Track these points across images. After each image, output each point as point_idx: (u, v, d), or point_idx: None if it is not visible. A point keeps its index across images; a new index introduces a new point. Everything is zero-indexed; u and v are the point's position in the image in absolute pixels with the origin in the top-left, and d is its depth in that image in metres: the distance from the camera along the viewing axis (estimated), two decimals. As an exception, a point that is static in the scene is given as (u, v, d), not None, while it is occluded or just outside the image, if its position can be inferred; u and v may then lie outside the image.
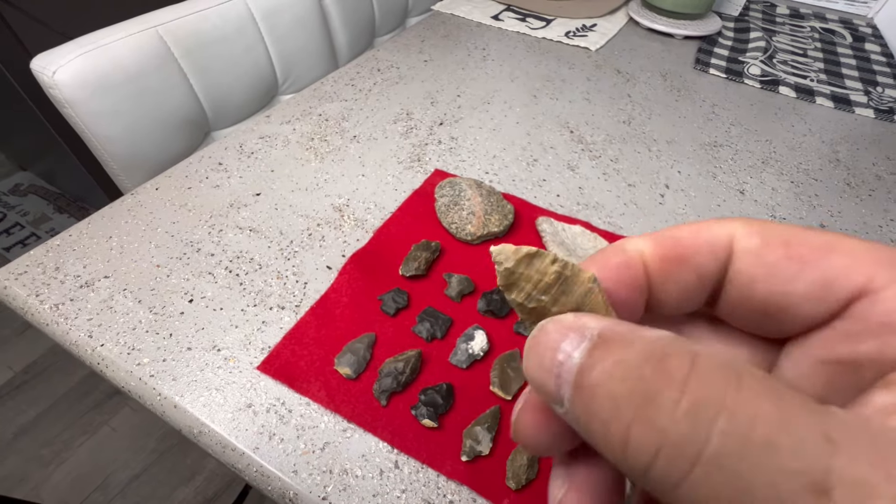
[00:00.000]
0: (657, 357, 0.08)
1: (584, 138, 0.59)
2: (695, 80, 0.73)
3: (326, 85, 0.65)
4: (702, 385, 0.07)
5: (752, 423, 0.07)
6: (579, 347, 0.08)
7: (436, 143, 0.56)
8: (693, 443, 0.07)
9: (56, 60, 0.50)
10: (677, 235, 0.10)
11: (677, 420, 0.07)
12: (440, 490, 0.29)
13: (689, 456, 0.07)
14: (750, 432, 0.07)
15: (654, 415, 0.07)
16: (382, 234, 0.44)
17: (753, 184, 0.54)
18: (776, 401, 0.07)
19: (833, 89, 0.72)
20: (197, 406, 0.32)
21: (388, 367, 0.33)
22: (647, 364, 0.08)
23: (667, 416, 0.07)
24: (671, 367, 0.07)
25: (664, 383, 0.07)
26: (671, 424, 0.07)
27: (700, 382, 0.07)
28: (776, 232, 0.09)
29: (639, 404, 0.07)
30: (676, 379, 0.07)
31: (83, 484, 0.97)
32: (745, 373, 0.07)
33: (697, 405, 0.07)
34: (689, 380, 0.07)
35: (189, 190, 0.48)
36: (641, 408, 0.07)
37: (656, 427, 0.07)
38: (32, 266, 0.39)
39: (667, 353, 0.08)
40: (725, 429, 0.07)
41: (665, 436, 0.07)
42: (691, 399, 0.07)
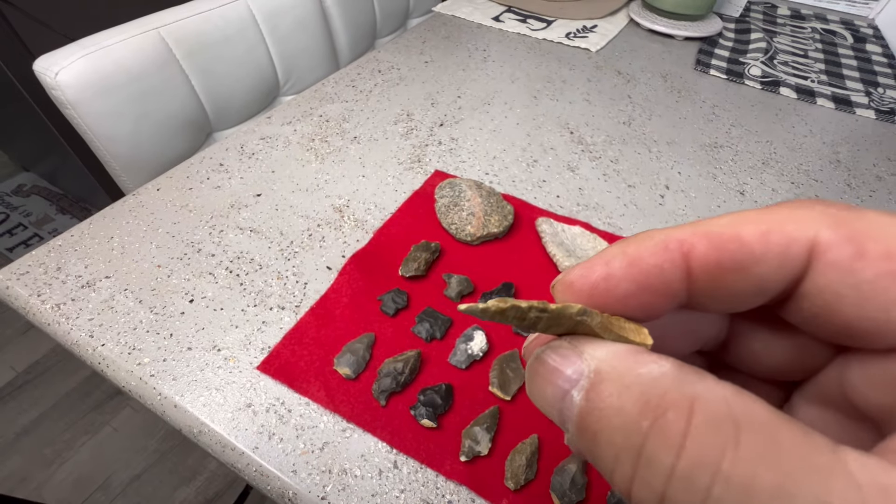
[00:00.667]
0: (653, 409, 0.07)
1: (585, 139, 0.59)
2: (695, 81, 0.73)
3: (327, 86, 0.65)
4: (698, 446, 0.07)
5: (747, 491, 0.06)
6: (577, 385, 0.08)
7: (436, 143, 0.57)
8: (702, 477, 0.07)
9: (59, 62, 0.50)
10: (741, 234, 0.08)
11: (674, 485, 0.07)
12: (439, 490, 0.29)
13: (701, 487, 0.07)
14: (746, 500, 0.06)
15: (651, 477, 0.07)
16: (382, 235, 0.44)
17: (754, 185, 0.54)
18: (775, 461, 0.07)
19: (834, 90, 0.72)
20: (197, 406, 0.32)
21: (388, 367, 0.33)
22: (643, 418, 0.07)
23: (663, 480, 0.07)
24: (668, 423, 0.07)
25: (660, 445, 0.07)
26: (668, 488, 0.07)
27: (696, 443, 0.07)
28: (873, 236, 0.07)
29: (638, 463, 0.07)
30: (673, 440, 0.07)
31: (85, 484, 0.97)
32: (744, 425, 0.07)
33: (693, 469, 0.07)
34: (685, 440, 0.07)
35: (190, 191, 0.48)
36: (641, 467, 0.07)
37: (654, 489, 0.07)
38: (34, 266, 0.39)
39: (664, 405, 0.07)
40: (722, 496, 0.07)
41: (663, 498, 0.07)
42: (687, 463, 0.07)
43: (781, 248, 0.08)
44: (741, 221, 0.08)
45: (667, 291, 0.09)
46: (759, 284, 0.08)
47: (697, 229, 0.08)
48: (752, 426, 0.07)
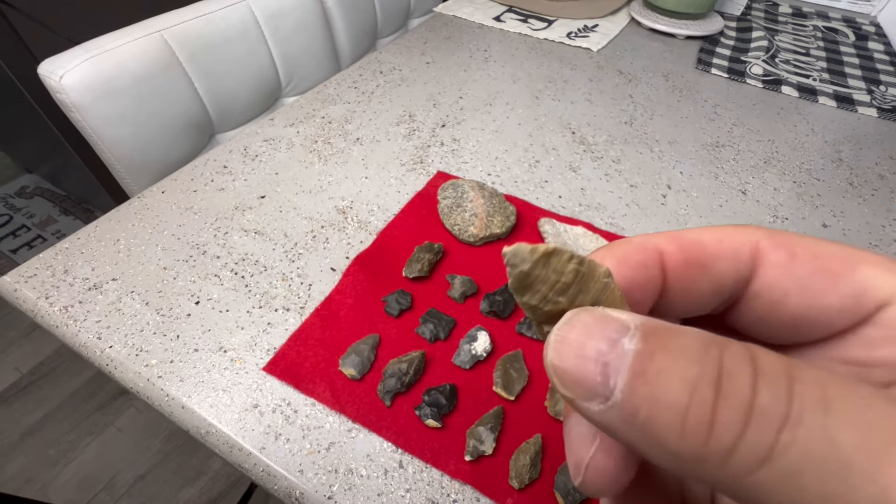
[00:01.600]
0: (717, 343, 0.07)
1: (586, 139, 0.59)
2: (697, 81, 0.73)
3: (329, 87, 0.66)
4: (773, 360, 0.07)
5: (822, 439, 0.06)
6: (627, 335, 0.08)
7: (438, 144, 0.57)
8: (781, 408, 0.07)
9: (63, 65, 0.50)
10: (700, 240, 0.10)
11: (760, 384, 0.07)
12: (444, 489, 0.29)
13: (778, 421, 0.07)
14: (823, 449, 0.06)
15: (736, 388, 0.07)
16: (386, 236, 0.44)
17: (755, 184, 0.54)
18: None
19: (836, 89, 0.72)
20: (204, 407, 0.32)
21: (392, 367, 0.33)
22: (713, 346, 0.07)
23: (748, 380, 0.07)
24: (735, 350, 0.07)
25: (738, 362, 0.07)
26: (757, 389, 0.07)
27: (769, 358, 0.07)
28: (802, 244, 0.09)
29: (718, 383, 0.07)
30: (747, 358, 0.07)
31: (90, 484, 0.98)
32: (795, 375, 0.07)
33: (773, 374, 0.07)
34: (757, 358, 0.07)
35: (195, 193, 0.48)
36: (723, 384, 0.07)
37: (741, 399, 0.07)
38: (42, 269, 0.40)
39: (722, 341, 0.07)
40: (804, 389, 0.07)
41: (752, 408, 0.07)
42: (766, 378, 0.07)
43: (733, 249, 0.09)
44: (701, 232, 0.10)
45: (649, 286, 0.10)
46: (718, 282, 0.09)
47: (667, 236, 0.10)
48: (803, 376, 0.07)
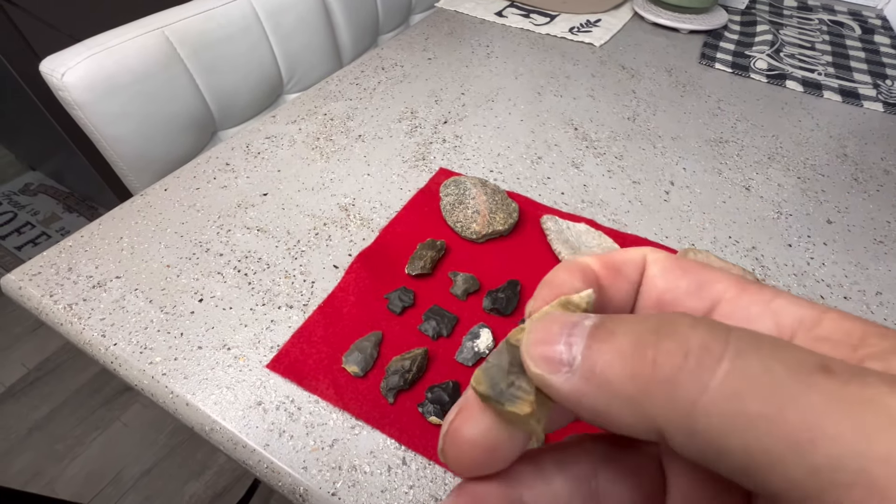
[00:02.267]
0: (661, 317, 0.09)
1: (589, 135, 0.59)
2: (700, 75, 0.72)
3: (331, 84, 0.65)
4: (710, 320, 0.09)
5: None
6: (587, 319, 0.10)
7: (440, 141, 0.57)
8: (720, 345, 0.08)
9: (65, 63, 0.50)
10: (612, 255, 0.13)
11: (697, 329, 0.08)
12: (447, 486, 0.29)
13: (717, 353, 0.08)
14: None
15: (676, 331, 0.08)
16: (388, 234, 0.44)
17: (759, 180, 0.54)
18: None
19: (841, 83, 0.71)
20: (208, 404, 0.32)
21: (395, 365, 0.34)
22: (657, 313, 0.10)
23: (688, 328, 0.08)
24: (675, 312, 0.09)
25: (678, 317, 0.09)
26: (693, 333, 0.08)
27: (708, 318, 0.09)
28: (671, 256, 0.12)
29: (659, 330, 0.09)
30: (686, 315, 0.09)
31: (97, 478, 0.99)
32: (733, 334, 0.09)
33: (711, 324, 0.08)
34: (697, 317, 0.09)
35: (197, 190, 0.48)
36: (663, 330, 0.08)
37: (681, 335, 0.08)
38: (46, 267, 0.40)
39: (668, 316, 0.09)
40: (740, 334, 0.08)
41: (690, 343, 0.08)
42: (704, 324, 0.08)
43: (633, 258, 0.12)
44: (612, 253, 0.13)
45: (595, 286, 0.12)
46: (630, 279, 0.12)
47: (590, 258, 0.13)
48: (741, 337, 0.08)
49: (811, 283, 0.43)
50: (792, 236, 0.48)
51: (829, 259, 0.45)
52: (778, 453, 0.07)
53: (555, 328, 0.10)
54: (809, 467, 0.07)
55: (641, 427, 0.08)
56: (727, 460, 0.07)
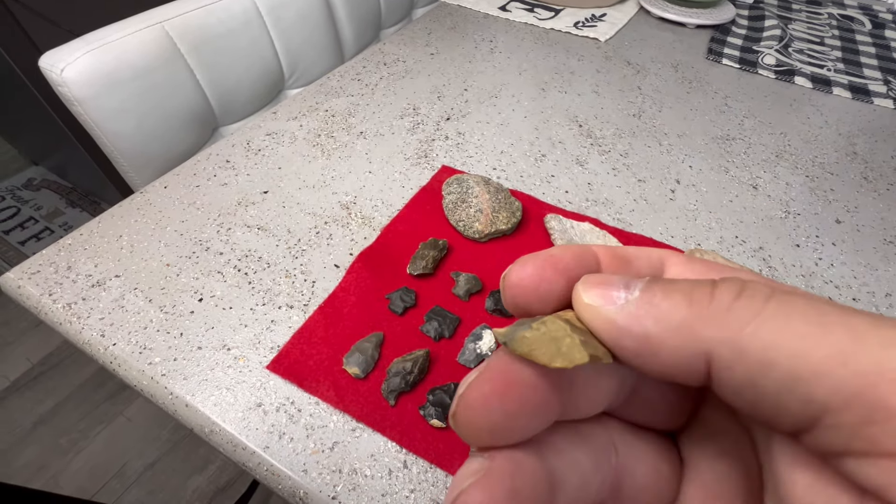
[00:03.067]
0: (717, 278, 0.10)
1: (594, 132, 0.58)
2: (707, 71, 0.71)
3: (333, 80, 0.65)
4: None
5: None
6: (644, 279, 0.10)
7: (443, 138, 0.56)
8: (767, 290, 0.09)
9: (64, 58, 0.50)
10: (624, 248, 0.13)
11: (749, 282, 0.09)
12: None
13: (767, 293, 0.09)
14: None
15: (731, 279, 0.09)
16: (390, 232, 0.44)
17: (767, 178, 0.53)
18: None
19: (851, 79, 0.70)
20: (208, 405, 0.32)
21: (397, 366, 0.33)
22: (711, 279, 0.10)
23: (741, 280, 0.09)
24: (731, 277, 0.10)
25: (732, 277, 0.10)
26: (747, 282, 0.09)
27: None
28: (692, 258, 0.13)
29: (718, 276, 0.10)
30: (736, 279, 0.10)
31: (101, 472, 0.99)
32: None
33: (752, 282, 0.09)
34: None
35: (197, 188, 0.48)
36: (721, 277, 0.10)
37: (737, 281, 0.09)
38: (45, 265, 0.40)
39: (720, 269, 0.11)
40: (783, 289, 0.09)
41: (745, 286, 0.09)
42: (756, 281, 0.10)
43: (647, 254, 0.12)
44: (627, 247, 0.13)
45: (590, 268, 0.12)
46: (637, 272, 0.12)
47: (601, 246, 0.13)
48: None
49: (819, 284, 0.43)
50: (800, 236, 0.47)
51: (838, 260, 0.45)
52: (822, 363, 0.08)
53: (614, 278, 0.10)
54: (853, 371, 0.07)
55: (688, 351, 0.09)
56: (773, 375, 0.08)
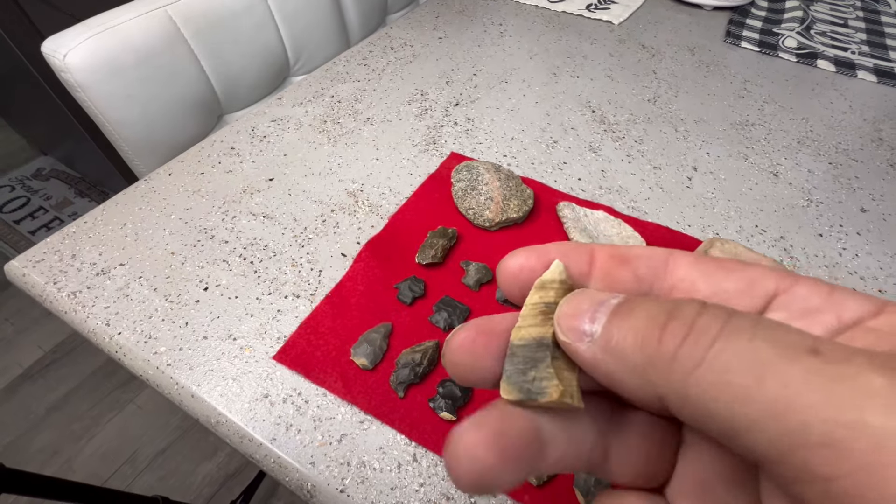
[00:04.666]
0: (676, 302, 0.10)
1: (607, 118, 0.56)
2: (725, 55, 0.68)
3: (338, 65, 0.63)
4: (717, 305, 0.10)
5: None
6: (614, 298, 0.11)
7: (451, 124, 0.54)
8: (716, 327, 0.09)
9: (66, 43, 0.49)
10: (627, 247, 0.13)
11: (702, 314, 0.09)
12: (458, 484, 0.28)
13: (713, 335, 0.09)
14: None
15: (684, 314, 0.09)
16: (398, 221, 0.43)
17: (788, 165, 0.51)
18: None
19: (876, 62, 0.67)
20: (214, 396, 0.32)
21: (405, 357, 0.32)
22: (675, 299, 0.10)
23: (694, 313, 0.09)
24: (690, 299, 0.10)
25: (690, 303, 0.10)
26: (698, 317, 0.09)
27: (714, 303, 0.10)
28: (701, 256, 0.12)
29: (671, 312, 0.10)
30: (697, 301, 0.10)
31: (113, 457, 1.01)
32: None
33: (716, 309, 0.09)
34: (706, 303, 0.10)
35: (202, 175, 0.47)
36: (674, 312, 0.10)
37: (687, 318, 0.09)
38: (49, 253, 0.39)
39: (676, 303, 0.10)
40: (741, 319, 0.09)
41: (693, 325, 0.09)
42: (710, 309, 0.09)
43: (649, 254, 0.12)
44: (630, 246, 0.13)
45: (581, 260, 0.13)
46: (635, 273, 0.12)
47: (604, 245, 0.13)
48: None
49: (843, 274, 0.41)
50: (823, 225, 0.45)
51: (863, 250, 0.43)
52: (755, 418, 0.08)
53: (584, 304, 0.11)
54: (782, 430, 0.08)
55: (645, 393, 0.10)
56: (715, 423, 0.08)
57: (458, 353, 0.12)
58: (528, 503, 0.27)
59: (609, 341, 0.10)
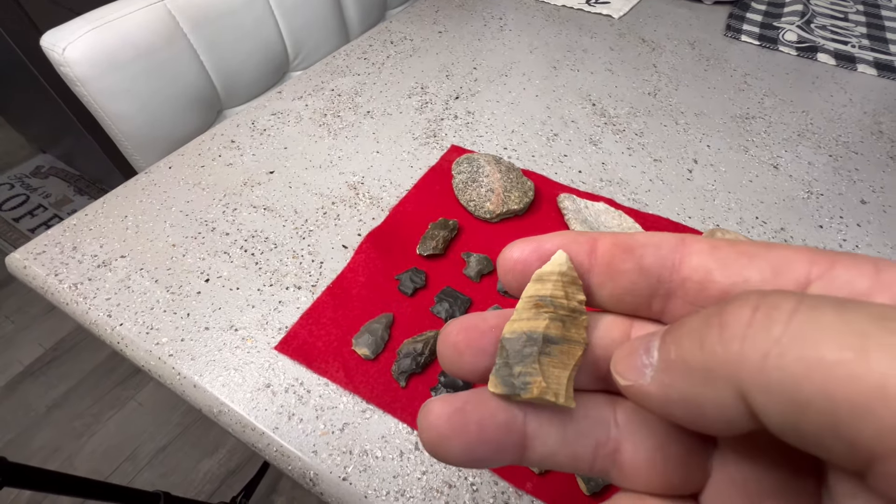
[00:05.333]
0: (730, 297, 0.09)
1: (607, 111, 0.56)
2: (725, 48, 0.68)
3: (338, 59, 0.63)
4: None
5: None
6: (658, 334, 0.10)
7: (452, 117, 0.54)
8: (788, 301, 0.07)
9: (66, 37, 0.49)
10: (632, 234, 0.12)
11: (767, 294, 0.08)
12: (461, 472, 0.28)
13: (787, 308, 0.07)
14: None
15: (742, 298, 0.08)
16: (398, 213, 0.43)
17: (788, 158, 0.51)
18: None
19: (876, 55, 0.67)
20: (216, 386, 0.32)
21: (407, 347, 0.32)
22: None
23: (756, 295, 0.08)
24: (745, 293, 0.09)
25: (746, 293, 0.08)
26: (763, 296, 0.08)
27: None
28: (718, 239, 0.11)
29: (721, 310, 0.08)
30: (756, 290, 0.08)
31: (114, 454, 1.01)
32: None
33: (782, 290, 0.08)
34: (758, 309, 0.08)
35: (202, 168, 0.47)
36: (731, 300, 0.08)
37: (749, 299, 0.08)
38: (50, 246, 0.39)
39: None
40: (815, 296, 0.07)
41: (758, 300, 0.08)
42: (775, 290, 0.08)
43: (657, 241, 0.11)
44: (635, 233, 0.12)
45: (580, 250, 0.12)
46: (641, 263, 0.11)
47: (607, 233, 0.12)
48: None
49: (843, 265, 0.41)
50: (823, 217, 0.45)
51: (864, 241, 0.43)
52: (863, 400, 0.06)
53: (636, 343, 0.10)
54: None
55: (726, 399, 0.08)
56: (810, 417, 0.07)
57: (445, 346, 0.12)
58: (530, 490, 0.27)
59: (668, 356, 0.09)
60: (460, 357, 0.12)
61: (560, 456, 0.11)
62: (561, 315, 0.11)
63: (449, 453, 0.11)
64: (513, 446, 0.11)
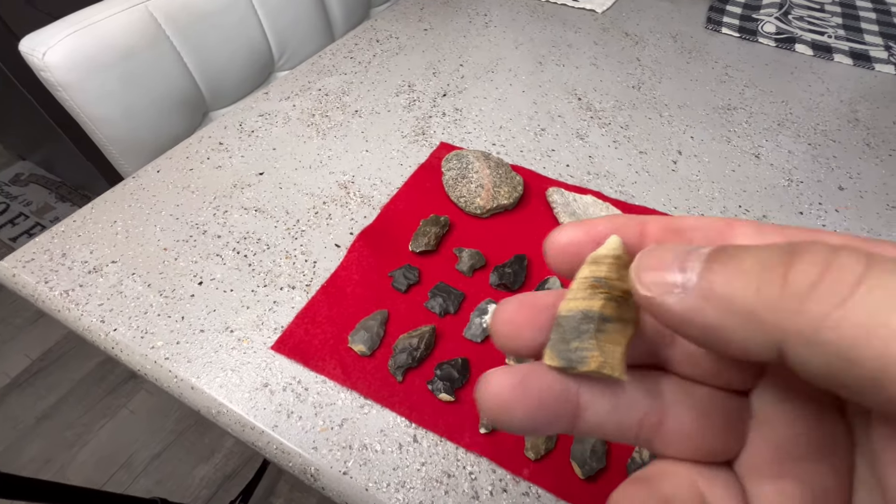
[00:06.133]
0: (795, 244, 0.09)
1: (593, 105, 0.57)
2: (706, 41, 0.70)
3: (324, 58, 0.63)
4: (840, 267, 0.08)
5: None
6: (704, 248, 0.09)
7: (440, 115, 0.55)
8: (859, 267, 0.07)
9: (45, 41, 0.48)
10: (681, 217, 0.12)
11: (837, 252, 0.08)
12: (460, 462, 0.29)
13: (858, 273, 0.07)
14: None
15: (812, 255, 0.08)
16: (390, 211, 0.43)
17: (769, 147, 0.53)
18: None
19: (852, 46, 0.69)
20: (214, 387, 0.32)
21: (403, 343, 0.33)
22: (789, 243, 0.09)
23: (827, 250, 0.08)
24: (813, 244, 0.08)
25: (811, 244, 0.08)
26: (833, 254, 0.08)
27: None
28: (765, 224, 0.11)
29: (792, 252, 0.08)
30: (820, 241, 0.08)
31: (107, 464, 1.00)
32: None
33: (852, 249, 0.08)
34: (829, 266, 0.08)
35: (191, 171, 0.47)
36: (797, 252, 0.08)
37: (819, 255, 0.08)
38: (39, 253, 0.39)
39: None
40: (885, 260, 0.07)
41: (829, 264, 0.08)
42: (846, 249, 0.08)
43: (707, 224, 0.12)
44: (685, 216, 0.12)
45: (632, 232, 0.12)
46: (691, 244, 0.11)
47: (657, 217, 0.12)
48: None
49: (823, 250, 0.42)
50: (803, 204, 0.46)
51: (842, 226, 0.44)
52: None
53: (668, 256, 0.10)
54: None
55: (757, 342, 0.08)
56: (857, 371, 0.07)
57: (503, 323, 0.12)
58: (527, 476, 0.28)
59: (711, 287, 0.09)
60: (518, 332, 0.12)
61: (608, 426, 0.12)
62: (615, 296, 0.11)
63: (512, 420, 0.11)
64: (567, 415, 0.11)
